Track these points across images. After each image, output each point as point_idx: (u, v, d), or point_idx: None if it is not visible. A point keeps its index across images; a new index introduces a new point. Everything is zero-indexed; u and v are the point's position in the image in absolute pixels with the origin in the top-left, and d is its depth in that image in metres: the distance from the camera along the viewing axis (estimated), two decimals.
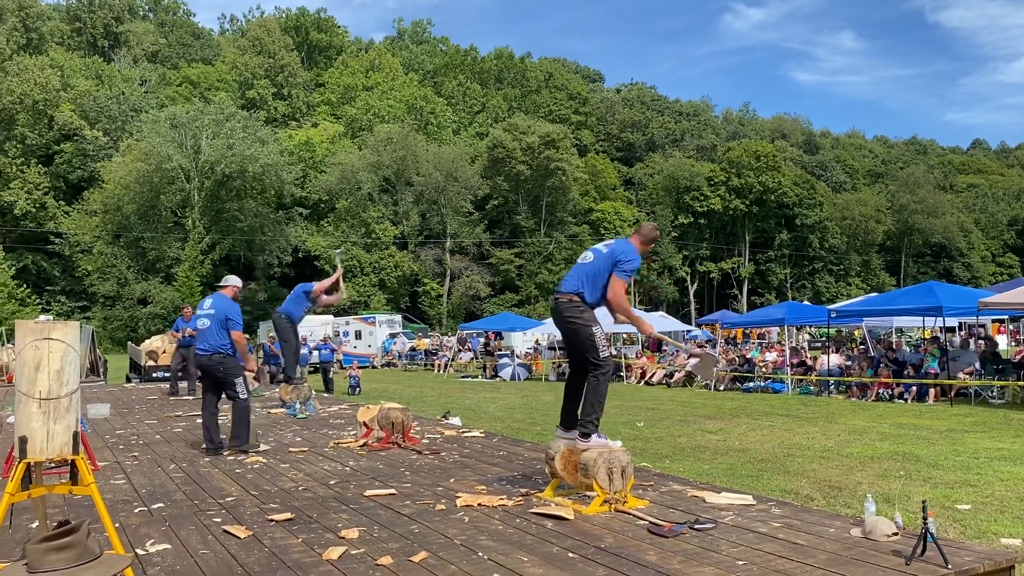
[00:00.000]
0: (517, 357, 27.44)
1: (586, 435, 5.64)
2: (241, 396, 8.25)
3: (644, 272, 69.57)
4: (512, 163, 63.56)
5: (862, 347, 22.67)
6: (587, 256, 5.88)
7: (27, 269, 55.09)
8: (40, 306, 51.66)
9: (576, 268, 5.87)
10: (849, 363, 19.05)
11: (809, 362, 20.42)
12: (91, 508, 4.79)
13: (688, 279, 74.10)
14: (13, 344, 8.59)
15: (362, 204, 59.96)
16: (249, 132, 56.43)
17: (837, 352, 20.58)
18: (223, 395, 8.42)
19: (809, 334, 34.90)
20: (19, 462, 3.88)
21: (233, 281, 8.92)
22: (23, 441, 3.88)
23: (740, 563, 4.09)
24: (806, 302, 47.47)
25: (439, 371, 29.99)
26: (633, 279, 5.93)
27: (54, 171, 58.40)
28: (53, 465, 4.10)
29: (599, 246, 5.94)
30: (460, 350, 31.87)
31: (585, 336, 5.67)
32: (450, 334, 42.46)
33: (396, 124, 63.15)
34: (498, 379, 25.53)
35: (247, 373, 8.57)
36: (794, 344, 25.23)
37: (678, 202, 73.28)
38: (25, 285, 52.12)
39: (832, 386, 18.03)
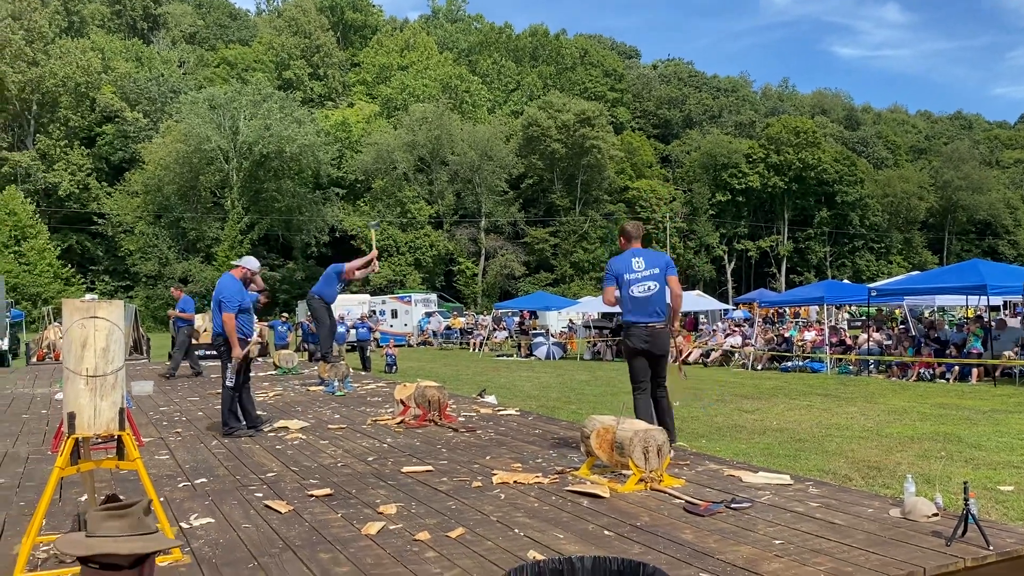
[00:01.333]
0: (552, 336, 27.45)
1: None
2: (227, 383, 8.02)
3: (681, 251, 69.07)
4: (547, 141, 63.28)
5: (903, 326, 22.32)
6: (651, 286, 6.49)
7: (72, 249, 56.27)
8: (84, 285, 52.77)
9: (648, 299, 6.49)
10: (889, 342, 18.77)
11: (848, 341, 20.15)
12: (137, 483, 4.91)
13: (725, 257, 73.41)
14: (60, 323, 8.80)
15: (397, 184, 60.20)
16: (286, 113, 56.87)
17: (877, 331, 20.29)
18: (250, 373, 8.48)
19: (849, 313, 34.39)
20: (68, 437, 3.99)
21: (244, 262, 8.51)
22: (71, 417, 3.98)
23: (777, 542, 4.08)
24: (846, 280, 46.83)
25: (474, 350, 30.12)
26: None
27: (96, 153, 59.42)
28: (100, 440, 4.21)
29: (649, 271, 6.53)
30: (495, 329, 31.97)
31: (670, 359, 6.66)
32: (485, 313, 42.61)
33: (431, 103, 63.16)
34: (533, 358, 25.57)
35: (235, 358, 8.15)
36: (833, 323, 24.91)
37: (716, 179, 72.46)
38: (70, 265, 53.27)
39: (872, 366, 17.79)
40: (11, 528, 4.64)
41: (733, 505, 4.79)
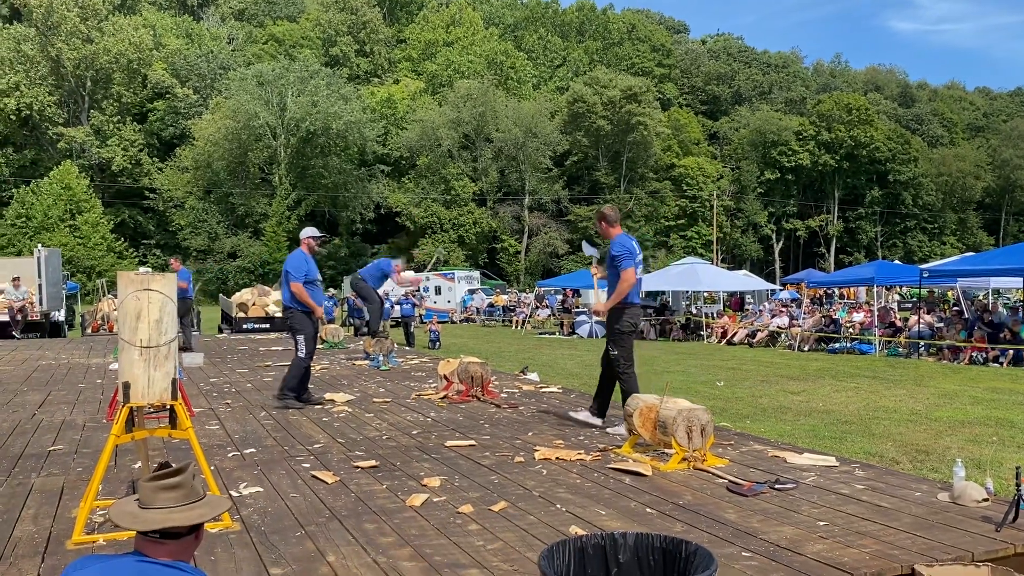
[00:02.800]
0: (595, 314, 27.35)
1: None
2: (299, 353, 8.25)
3: (727, 230, 68.16)
4: (592, 118, 62.72)
5: (955, 309, 21.82)
6: (642, 270, 6.85)
7: (124, 223, 57.55)
8: (137, 259, 53.99)
9: (641, 281, 6.87)
10: (941, 325, 18.37)
11: (898, 323, 19.77)
12: (188, 451, 5.04)
13: (773, 237, 72.30)
14: (114, 295, 9.01)
15: (442, 161, 60.28)
16: (333, 89, 57.19)
17: (929, 313, 19.86)
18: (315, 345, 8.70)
19: (899, 295, 33.73)
20: (122, 406, 4.11)
21: (305, 233, 8.72)
22: (126, 386, 4.09)
23: (821, 524, 4.05)
24: (897, 261, 45.84)
25: (517, 327, 30.19)
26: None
27: (148, 129, 60.48)
28: (153, 410, 4.33)
29: (642, 255, 6.91)
30: (538, 307, 31.99)
31: None
32: (528, 291, 42.61)
33: (476, 80, 62.96)
34: (575, 336, 25.55)
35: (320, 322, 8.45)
36: (883, 304, 24.43)
37: (765, 157, 71.22)
38: (123, 239, 54.51)
39: (922, 348, 17.44)
40: (69, 493, 4.80)
41: (777, 486, 4.76)
